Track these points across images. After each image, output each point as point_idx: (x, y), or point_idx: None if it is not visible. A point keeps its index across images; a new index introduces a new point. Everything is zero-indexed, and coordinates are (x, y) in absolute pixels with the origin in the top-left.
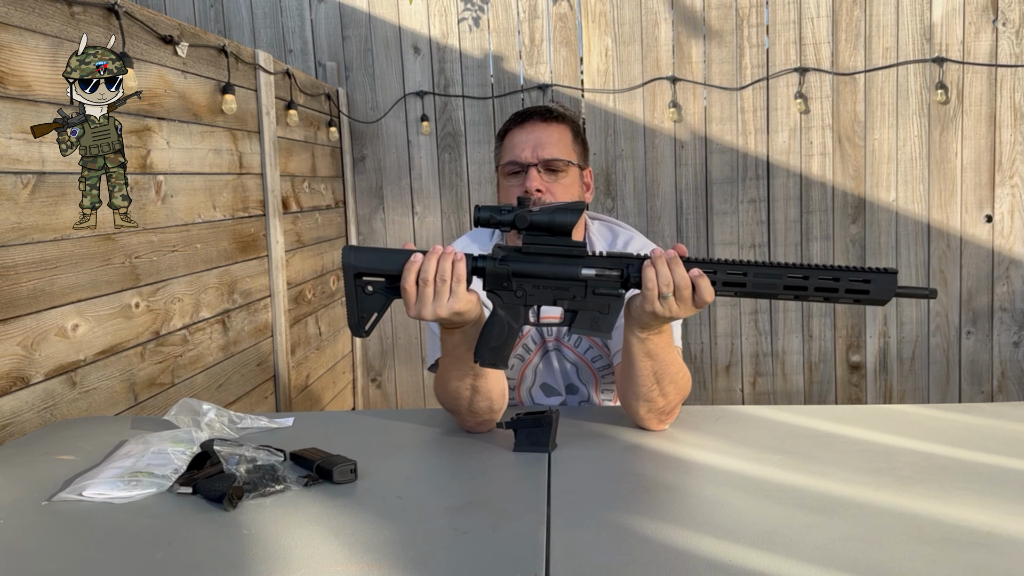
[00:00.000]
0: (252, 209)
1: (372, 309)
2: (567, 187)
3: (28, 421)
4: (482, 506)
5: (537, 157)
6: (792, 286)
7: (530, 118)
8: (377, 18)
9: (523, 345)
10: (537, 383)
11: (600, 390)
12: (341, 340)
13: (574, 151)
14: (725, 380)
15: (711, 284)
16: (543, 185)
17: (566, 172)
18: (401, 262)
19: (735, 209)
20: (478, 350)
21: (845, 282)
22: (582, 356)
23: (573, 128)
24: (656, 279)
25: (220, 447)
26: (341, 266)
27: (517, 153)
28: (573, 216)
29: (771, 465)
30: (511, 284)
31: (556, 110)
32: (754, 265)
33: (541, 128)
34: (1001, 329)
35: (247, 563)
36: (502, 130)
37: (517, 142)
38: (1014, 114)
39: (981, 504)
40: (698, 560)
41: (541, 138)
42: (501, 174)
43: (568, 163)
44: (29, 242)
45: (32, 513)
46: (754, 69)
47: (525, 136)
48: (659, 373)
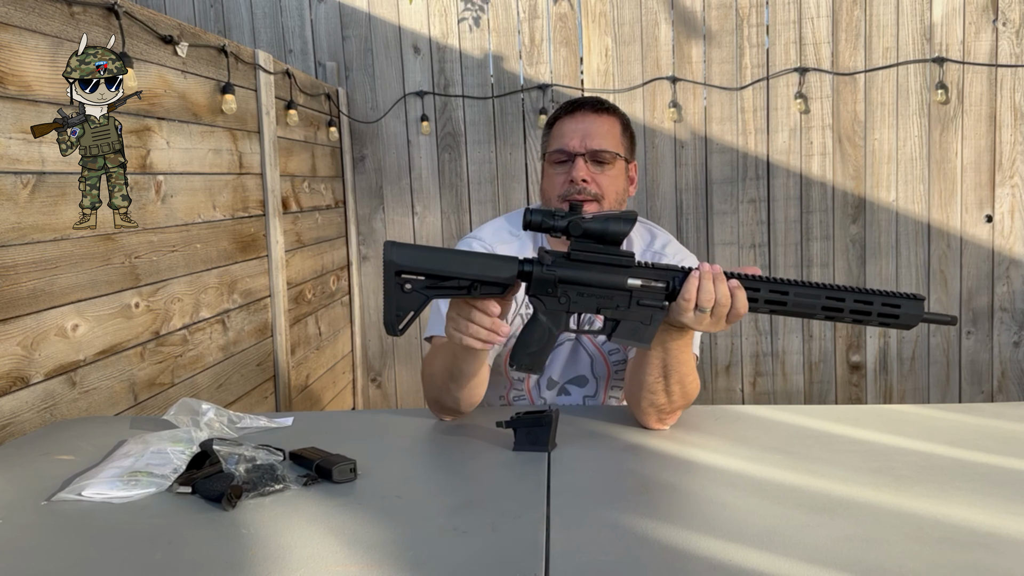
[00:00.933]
0: (252, 209)
1: (408, 308)
2: (613, 179)
3: (28, 421)
4: (482, 506)
5: (585, 147)
6: (829, 307)
7: (581, 108)
8: (377, 18)
9: None
10: (545, 376)
11: (610, 387)
12: (341, 340)
13: (622, 144)
14: (725, 380)
15: (751, 300)
16: (589, 175)
17: (612, 164)
18: (443, 262)
19: (735, 209)
20: (515, 354)
21: (878, 306)
22: (600, 348)
23: (623, 121)
24: (697, 293)
25: (219, 447)
26: (383, 262)
27: (565, 142)
28: (626, 226)
29: (771, 465)
30: (556, 290)
31: (607, 102)
32: (795, 284)
33: (592, 118)
34: (1001, 329)
35: (246, 563)
36: (551, 118)
37: (566, 131)
38: (1014, 114)
39: (981, 504)
40: (698, 560)
41: (591, 128)
42: (547, 162)
43: (616, 155)
44: (29, 242)
45: (32, 513)
46: (754, 69)
47: (575, 125)
48: (668, 368)
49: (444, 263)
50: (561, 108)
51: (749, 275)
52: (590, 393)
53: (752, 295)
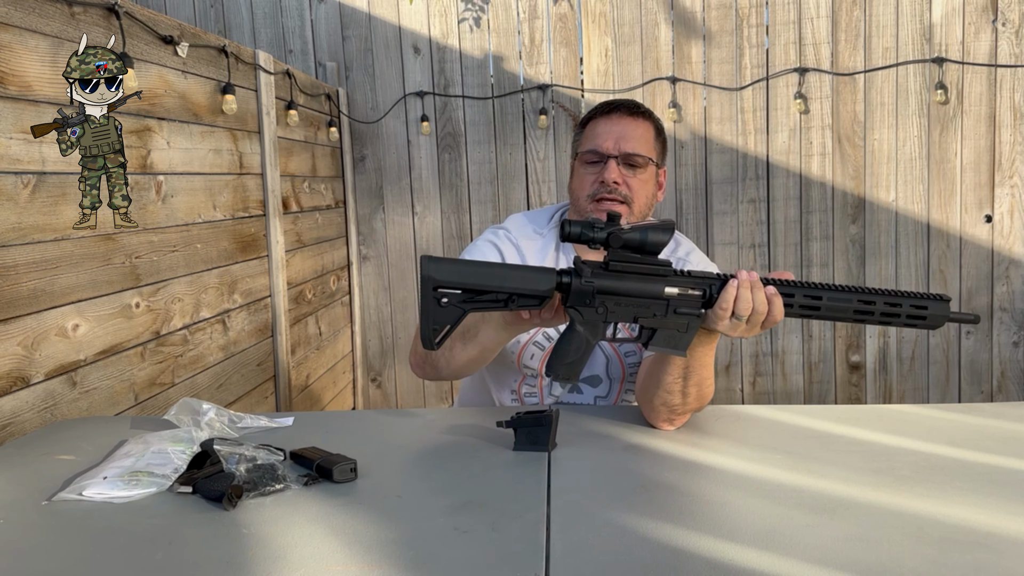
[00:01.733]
0: (252, 209)
1: (445, 322)
2: (643, 183)
3: (28, 421)
4: (482, 505)
5: (619, 149)
6: (861, 310)
7: (617, 110)
8: (377, 18)
9: (543, 333)
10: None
11: (624, 389)
12: (341, 340)
13: (655, 149)
14: (725, 380)
15: (786, 306)
16: (620, 178)
17: (644, 168)
18: (481, 276)
19: (735, 209)
20: (552, 364)
21: (906, 308)
22: (617, 350)
23: (657, 126)
24: (735, 303)
25: (220, 446)
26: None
27: (600, 143)
28: (666, 236)
29: (771, 465)
30: (594, 301)
31: (643, 107)
32: (827, 288)
33: (627, 122)
34: (1001, 329)
35: (247, 562)
36: (585, 118)
37: (601, 131)
38: (1014, 114)
39: (981, 504)
40: (698, 560)
41: (625, 131)
42: (579, 161)
43: (648, 160)
44: (29, 242)
45: (32, 513)
46: (754, 69)
47: (610, 127)
48: (690, 369)
49: (482, 277)
50: (596, 108)
51: (783, 280)
52: (602, 394)
53: (787, 301)
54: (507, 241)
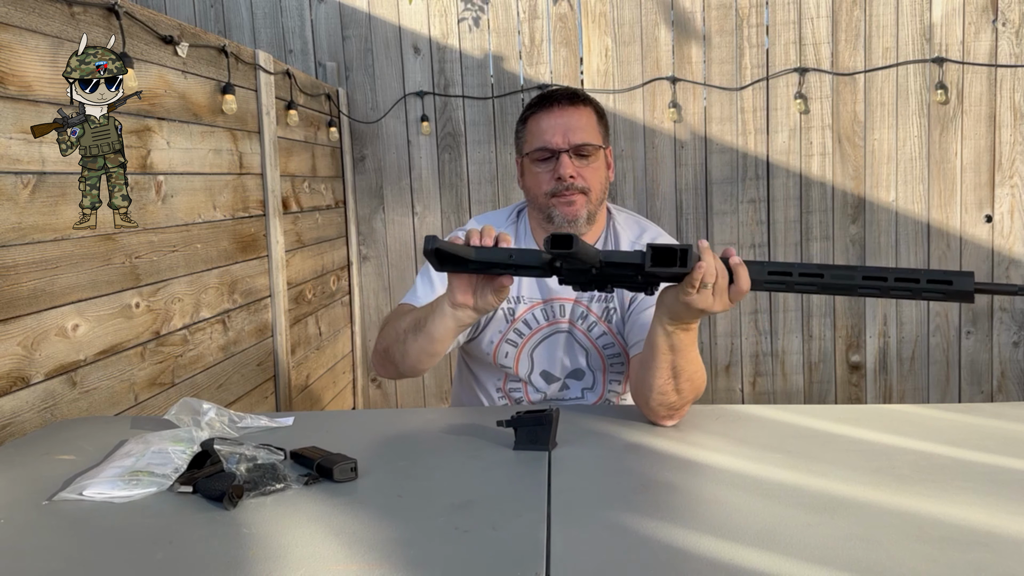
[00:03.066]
0: (252, 209)
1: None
2: (596, 171)
3: (28, 421)
4: (482, 505)
5: (568, 143)
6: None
7: (557, 101)
8: (377, 18)
9: (515, 329)
10: (536, 370)
11: (608, 379)
12: (341, 340)
13: (599, 133)
14: (725, 380)
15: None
16: (575, 171)
17: (596, 155)
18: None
19: (735, 209)
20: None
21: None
22: (594, 342)
23: (597, 110)
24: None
25: (220, 446)
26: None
27: (547, 139)
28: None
29: (771, 464)
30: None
31: (580, 92)
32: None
33: (570, 112)
34: (1001, 329)
35: (247, 562)
36: (525, 114)
37: (546, 127)
38: (1014, 114)
39: (981, 504)
40: (698, 559)
41: (570, 122)
42: (529, 160)
43: (599, 147)
44: (29, 242)
45: (32, 513)
46: (754, 69)
47: (554, 121)
48: (678, 368)
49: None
50: (535, 103)
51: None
52: (588, 385)
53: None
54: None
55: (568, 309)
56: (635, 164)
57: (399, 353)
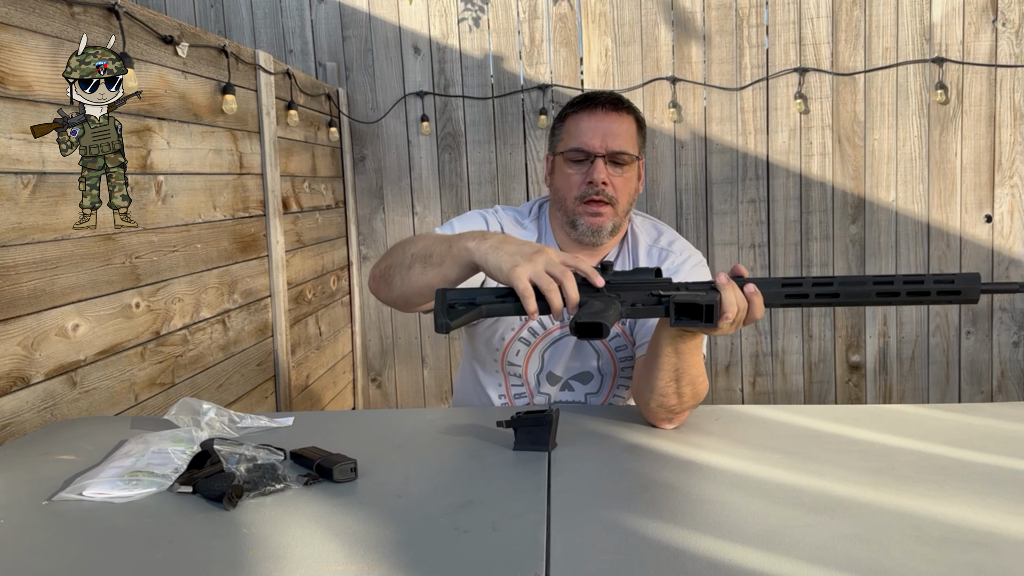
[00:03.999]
0: (252, 209)
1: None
2: (628, 181)
3: (28, 421)
4: (482, 505)
5: (606, 148)
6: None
7: (600, 105)
8: (377, 18)
9: (529, 328)
10: (545, 370)
11: (616, 384)
12: (341, 340)
13: (637, 143)
14: (725, 380)
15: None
16: (608, 178)
17: (630, 166)
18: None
19: (735, 209)
20: (581, 316)
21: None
22: (607, 344)
23: (638, 119)
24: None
25: (220, 446)
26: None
27: (585, 140)
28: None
29: (771, 464)
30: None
31: (625, 100)
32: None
33: (612, 118)
34: (1001, 329)
35: (247, 562)
36: (565, 111)
37: (585, 128)
38: (1014, 114)
39: (981, 504)
40: (698, 559)
41: (612, 128)
42: (562, 159)
43: (635, 157)
44: (29, 242)
45: (32, 513)
46: (754, 69)
47: (595, 124)
48: (680, 371)
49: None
50: (577, 101)
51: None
52: (593, 390)
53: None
54: (495, 220)
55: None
56: None
57: (399, 278)
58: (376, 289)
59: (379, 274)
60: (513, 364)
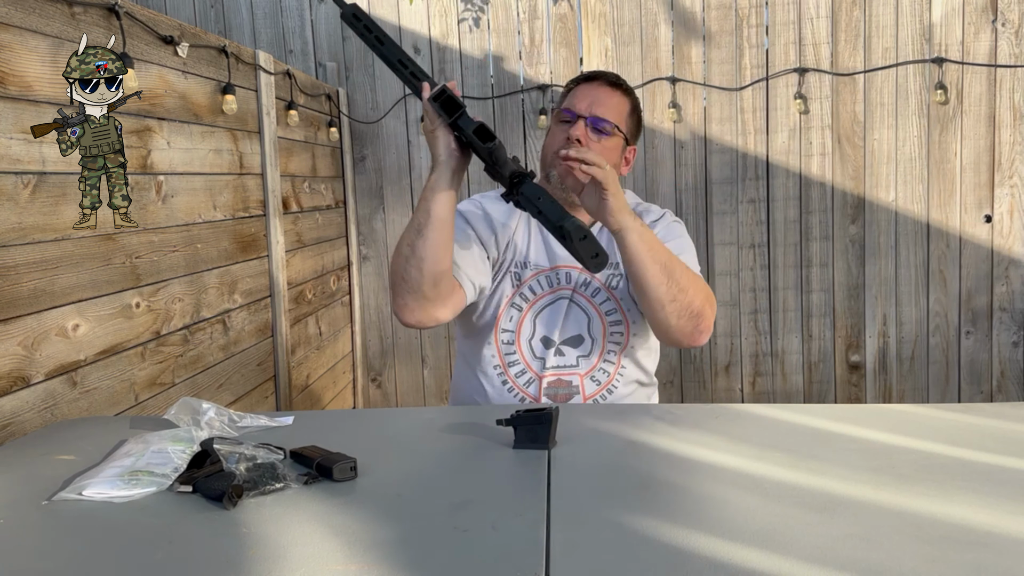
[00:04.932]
0: (252, 209)
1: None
2: (606, 149)
3: (28, 421)
4: (482, 504)
5: (590, 112)
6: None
7: (599, 78)
8: (377, 18)
9: (520, 293)
10: (537, 336)
11: (607, 348)
12: (341, 340)
13: (626, 123)
14: (725, 380)
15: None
16: (585, 139)
17: (611, 136)
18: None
19: (735, 209)
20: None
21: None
22: (597, 307)
23: (633, 103)
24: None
25: (220, 445)
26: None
27: (574, 103)
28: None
29: (771, 463)
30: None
31: (624, 82)
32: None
33: (605, 90)
34: (1001, 329)
35: (247, 561)
36: (568, 85)
37: (578, 94)
38: (1013, 114)
39: (981, 504)
40: (698, 559)
41: (600, 97)
42: (554, 120)
43: (615, 127)
44: (29, 242)
45: (32, 513)
46: (754, 69)
47: (588, 91)
48: (667, 265)
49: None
50: (581, 75)
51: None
52: (584, 353)
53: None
54: (470, 206)
55: (573, 277)
56: (635, 164)
57: (415, 269)
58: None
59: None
60: (506, 331)
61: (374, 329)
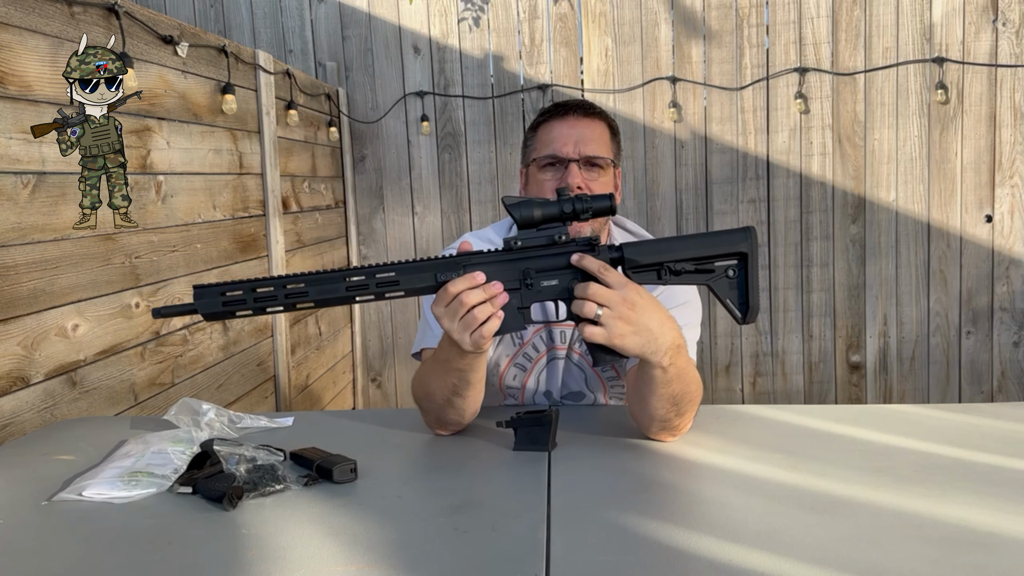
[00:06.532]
0: (252, 209)
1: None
2: (604, 186)
3: (28, 421)
4: (482, 505)
5: (579, 153)
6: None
7: (571, 111)
8: (377, 18)
9: (523, 354)
10: (540, 391)
11: (609, 396)
12: (341, 340)
13: (611, 149)
14: (725, 380)
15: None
16: (584, 182)
17: (606, 171)
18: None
19: (735, 209)
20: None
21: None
22: (596, 370)
23: (611, 126)
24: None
25: (220, 447)
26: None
27: (558, 147)
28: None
29: (771, 464)
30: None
31: (595, 106)
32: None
33: (584, 123)
34: (1001, 329)
35: (247, 563)
36: (536, 122)
37: (557, 136)
38: (1014, 114)
39: (981, 504)
40: (698, 560)
41: (584, 133)
42: (535, 167)
43: (609, 161)
44: (29, 242)
45: (32, 513)
46: (754, 69)
47: (567, 130)
48: (678, 396)
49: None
50: (548, 111)
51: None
52: (589, 403)
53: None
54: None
55: (568, 335)
56: (635, 164)
57: (456, 414)
58: (443, 430)
59: (437, 423)
60: (511, 387)
61: (374, 329)
